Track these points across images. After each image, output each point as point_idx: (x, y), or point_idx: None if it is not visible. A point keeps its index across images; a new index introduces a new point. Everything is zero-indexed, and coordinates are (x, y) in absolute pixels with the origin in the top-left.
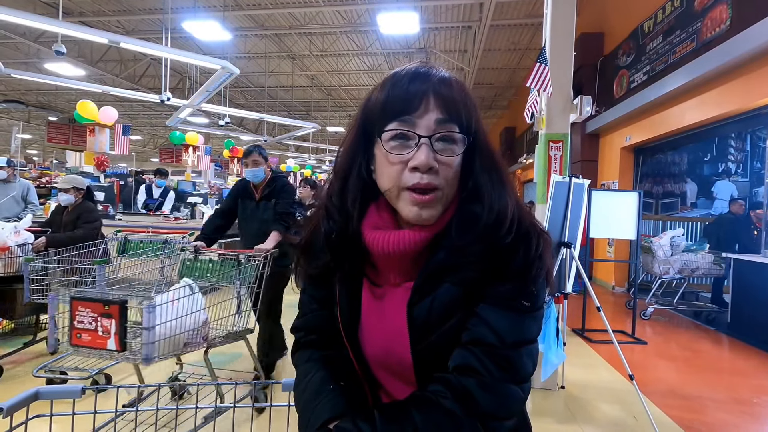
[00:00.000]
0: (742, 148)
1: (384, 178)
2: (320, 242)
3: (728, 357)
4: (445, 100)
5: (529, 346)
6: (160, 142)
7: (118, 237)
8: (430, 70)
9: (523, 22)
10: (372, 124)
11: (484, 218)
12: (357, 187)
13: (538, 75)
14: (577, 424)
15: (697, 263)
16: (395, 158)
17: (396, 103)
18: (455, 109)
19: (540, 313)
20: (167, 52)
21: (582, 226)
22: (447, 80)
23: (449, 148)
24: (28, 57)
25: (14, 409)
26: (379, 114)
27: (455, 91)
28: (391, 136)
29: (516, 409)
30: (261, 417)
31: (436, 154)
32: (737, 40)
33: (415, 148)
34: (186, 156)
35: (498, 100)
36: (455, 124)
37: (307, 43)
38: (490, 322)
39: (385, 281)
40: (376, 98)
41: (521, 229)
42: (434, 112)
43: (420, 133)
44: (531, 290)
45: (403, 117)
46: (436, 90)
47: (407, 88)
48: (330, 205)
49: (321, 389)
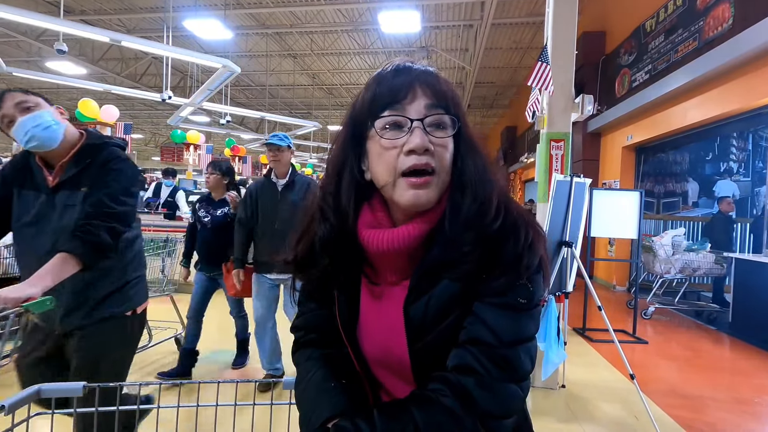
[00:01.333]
0: (743, 148)
1: (380, 169)
2: (317, 247)
3: (729, 356)
4: (432, 88)
5: (527, 344)
6: (161, 140)
7: None
8: (413, 64)
9: (524, 20)
10: (362, 123)
11: (467, 203)
12: (350, 187)
13: (540, 74)
14: (578, 423)
15: (698, 263)
16: (389, 143)
17: (384, 96)
18: (442, 96)
19: (537, 311)
20: (168, 50)
21: (583, 225)
22: (430, 72)
23: (441, 130)
24: (29, 55)
25: (16, 407)
26: (367, 112)
27: (440, 81)
28: (383, 125)
29: (515, 407)
30: (262, 415)
31: (430, 136)
32: (739, 39)
33: (408, 133)
34: (187, 154)
35: (499, 99)
36: (443, 110)
37: (309, 42)
38: (487, 320)
39: (382, 280)
40: (362, 98)
41: (508, 218)
42: (422, 99)
43: (412, 117)
44: (526, 285)
45: (393, 106)
46: (422, 79)
47: (393, 81)
48: (325, 207)
49: (322, 387)
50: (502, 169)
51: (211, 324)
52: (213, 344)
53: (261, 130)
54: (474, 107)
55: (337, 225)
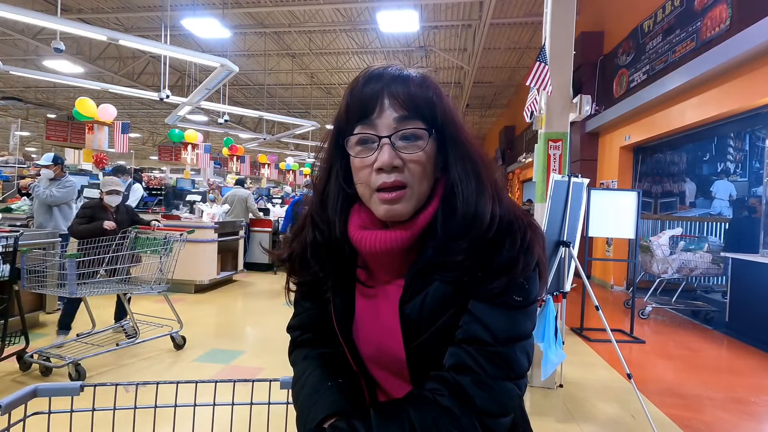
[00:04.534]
0: (741, 148)
1: (358, 185)
2: (308, 252)
3: (726, 356)
4: (402, 97)
5: (524, 341)
6: (159, 139)
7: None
8: (385, 70)
9: (523, 20)
10: (342, 132)
11: (460, 212)
12: (337, 195)
13: (538, 74)
14: (576, 422)
15: (695, 262)
16: (360, 163)
17: (355, 107)
18: (413, 104)
19: (533, 308)
20: (166, 49)
21: (581, 225)
22: (401, 77)
23: (413, 144)
24: (26, 54)
25: (12, 407)
26: (344, 122)
27: (411, 87)
28: (354, 142)
29: (512, 405)
30: (259, 415)
31: (399, 152)
32: (737, 39)
33: (377, 150)
34: (185, 154)
35: (498, 99)
36: (418, 120)
37: (307, 41)
38: (482, 319)
39: (376, 281)
40: (340, 107)
41: (503, 222)
42: (390, 111)
43: (380, 134)
44: (522, 284)
45: (363, 120)
46: (390, 89)
47: (362, 91)
48: (314, 215)
49: (319, 386)
50: (499, 169)
51: (210, 324)
52: (212, 344)
53: (259, 129)
54: (472, 107)
55: (326, 232)
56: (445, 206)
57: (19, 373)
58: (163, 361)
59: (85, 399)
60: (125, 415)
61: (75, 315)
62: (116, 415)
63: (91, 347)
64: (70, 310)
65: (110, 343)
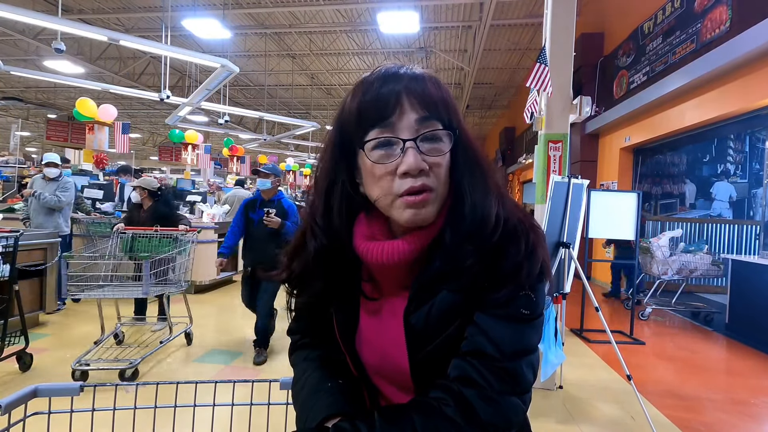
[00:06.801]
0: (741, 149)
1: (374, 189)
2: (310, 267)
3: (726, 357)
4: (422, 98)
5: (530, 356)
6: (159, 140)
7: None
8: (401, 69)
9: (523, 22)
10: (349, 135)
11: (468, 217)
12: (341, 203)
13: (538, 75)
14: (575, 424)
15: (695, 264)
16: (382, 168)
17: (371, 109)
18: (433, 105)
19: (540, 321)
20: (167, 50)
21: (581, 226)
22: (420, 77)
23: (436, 147)
24: (27, 54)
25: (12, 407)
26: (355, 124)
27: (430, 88)
28: (374, 146)
29: (517, 420)
30: (259, 415)
31: (424, 156)
32: (737, 41)
33: (401, 154)
34: (185, 154)
35: (498, 100)
36: (437, 121)
37: (307, 42)
38: (488, 332)
39: (381, 292)
40: (348, 108)
41: (508, 226)
42: (413, 112)
43: (403, 137)
44: (529, 296)
45: (381, 123)
46: (410, 88)
47: (379, 91)
48: (315, 226)
49: (319, 387)
50: (500, 170)
51: (210, 324)
52: (212, 344)
53: (259, 129)
54: (473, 108)
55: (329, 245)
56: (451, 213)
57: (18, 373)
58: (163, 361)
59: (85, 399)
60: (125, 415)
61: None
62: (116, 415)
63: (138, 349)
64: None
65: (153, 343)
